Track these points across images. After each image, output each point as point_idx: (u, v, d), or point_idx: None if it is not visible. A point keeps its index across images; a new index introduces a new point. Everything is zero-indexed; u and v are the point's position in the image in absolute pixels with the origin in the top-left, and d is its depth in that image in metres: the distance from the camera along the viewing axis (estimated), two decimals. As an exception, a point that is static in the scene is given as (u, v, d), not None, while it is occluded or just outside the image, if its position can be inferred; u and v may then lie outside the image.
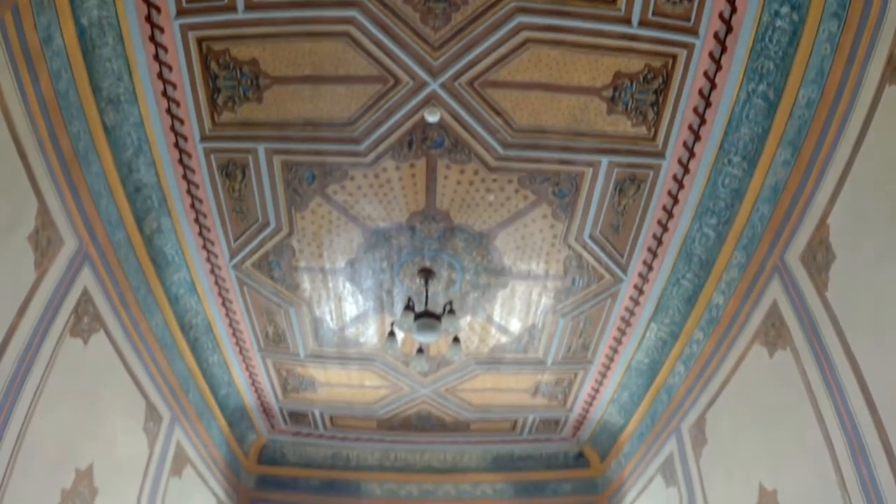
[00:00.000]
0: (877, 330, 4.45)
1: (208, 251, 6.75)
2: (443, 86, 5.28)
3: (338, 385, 9.17)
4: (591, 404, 9.51)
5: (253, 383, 9.08)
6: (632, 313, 7.56)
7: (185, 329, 7.46)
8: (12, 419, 4.72)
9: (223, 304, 7.49)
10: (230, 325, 7.85)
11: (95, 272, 5.72)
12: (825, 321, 5.04)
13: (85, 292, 5.61)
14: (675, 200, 6.10)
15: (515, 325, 7.83)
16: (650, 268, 6.88)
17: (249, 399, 9.43)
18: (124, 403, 6.59)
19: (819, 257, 5.10)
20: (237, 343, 8.19)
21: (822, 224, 5.05)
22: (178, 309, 7.20)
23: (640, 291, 7.21)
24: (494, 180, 6.00)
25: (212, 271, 7.01)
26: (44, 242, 4.94)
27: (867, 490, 4.57)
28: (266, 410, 9.83)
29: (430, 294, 6.99)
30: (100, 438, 6.09)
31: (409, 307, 6.67)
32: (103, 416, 6.14)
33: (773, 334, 5.84)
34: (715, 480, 7.07)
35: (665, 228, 6.39)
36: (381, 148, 5.71)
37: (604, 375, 8.80)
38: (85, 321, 5.66)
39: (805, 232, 5.27)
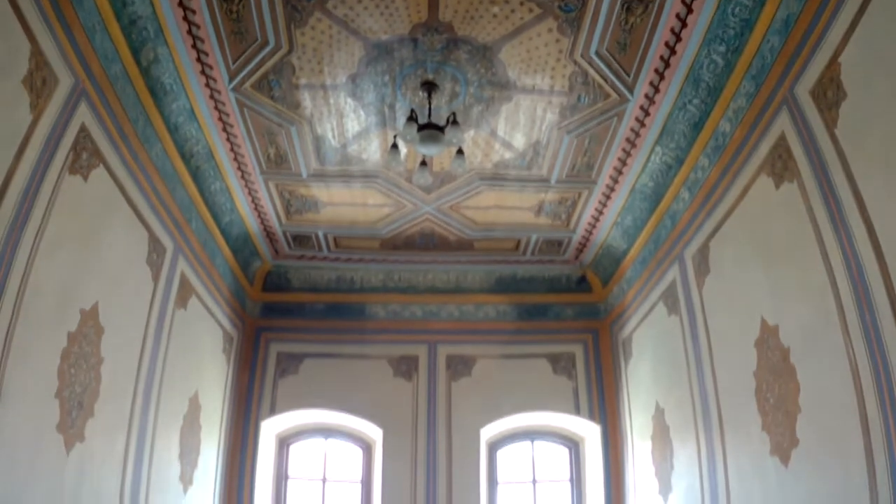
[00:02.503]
0: (886, 175, 4.52)
1: (207, 76, 6.73)
2: None
3: (341, 204, 9.30)
4: (594, 227, 9.70)
5: (256, 208, 9.24)
6: (637, 135, 7.62)
7: (185, 158, 7.54)
8: (14, 264, 4.82)
9: (223, 128, 7.53)
10: (231, 149, 7.91)
11: (93, 107, 5.73)
12: (833, 159, 5.10)
13: (83, 129, 5.63)
14: (684, 24, 6.02)
15: (519, 141, 7.87)
16: (657, 90, 6.87)
17: (252, 225, 9.62)
18: (127, 237, 6.72)
19: (829, 94, 5.10)
20: (239, 168, 8.29)
21: (833, 62, 5.04)
22: (178, 138, 7.25)
23: (647, 113, 7.24)
24: (498, -9, 5.90)
25: (211, 96, 7.01)
26: (38, 84, 4.93)
27: (869, 337, 4.73)
28: (269, 235, 10.03)
29: (433, 107, 6.97)
30: (103, 276, 6.23)
31: (411, 119, 6.67)
32: (106, 252, 6.26)
33: (780, 166, 5.90)
34: (717, 311, 7.29)
35: (673, 51, 6.34)
36: (381, -42, 5.62)
37: (608, 197, 8.94)
38: (84, 157, 5.70)
39: (816, 68, 5.25)
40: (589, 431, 10.87)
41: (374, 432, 10.81)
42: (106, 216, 6.24)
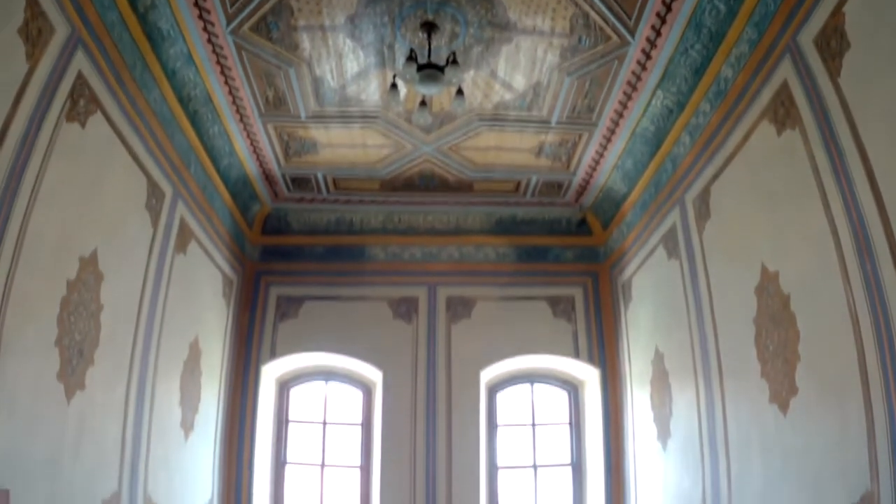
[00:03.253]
0: (890, 127, 4.57)
1: (205, 20, 6.72)
2: None
3: (340, 146, 9.33)
4: (594, 169, 9.75)
5: (255, 151, 9.28)
6: (638, 78, 7.63)
7: (183, 102, 7.56)
8: (13, 213, 4.88)
9: (221, 72, 7.54)
10: (229, 93, 7.93)
11: (90, 55, 5.74)
12: (836, 108, 5.14)
13: (80, 76, 5.65)
14: (686, -32, 6.05)
15: (520, 82, 7.88)
16: (658, 33, 6.87)
17: (252, 168, 9.66)
18: (125, 183, 6.77)
19: (833, 44, 5.13)
20: (237, 111, 8.31)
21: (837, 12, 5.06)
22: (176, 83, 7.27)
23: (648, 56, 7.24)
24: (497, -70, 5.90)
25: (209, 40, 7.00)
26: (34, 33, 4.95)
27: (870, 287, 4.81)
28: (269, 178, 10.08)
29: (432, 48, 6.97)
30: (102, 222, 6.29)
31: (411, 58, 6.69)
32: (104, 198, 6.32)
33: (783, 113, 5.93)
34: (717, 256, 7.37)
35: (674, -6, 6.38)
36: None
37: (608, 140, 8.97)
38: (81, 104, 5.73)
39: (819, 17, 5.27)
40: (588, 375, 11.03)
41: (374, 375, 10.96)
42: (104, 162, 6.28)
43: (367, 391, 11.26)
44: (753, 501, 6.53)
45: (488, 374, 11.00)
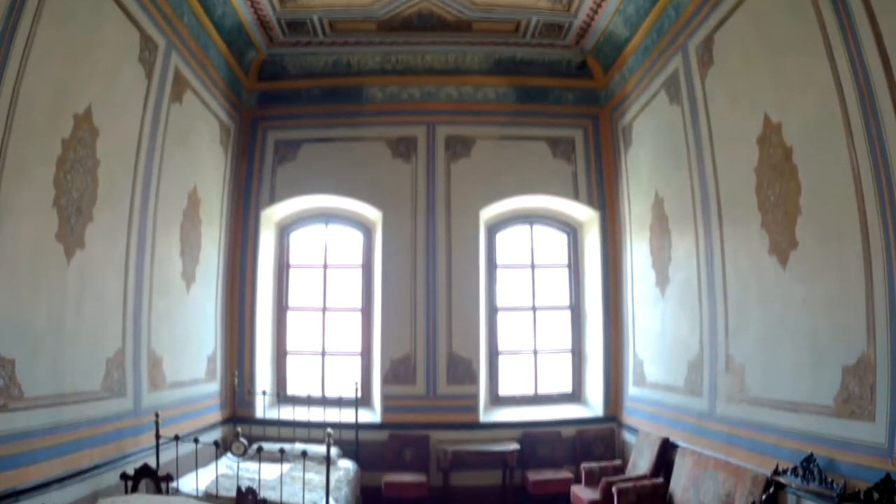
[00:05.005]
0: None
1: None
2: None
3: (335, -12, 9.19)
4: (595, 12, 9.60)
5: (249, -3, 9.15)
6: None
7: (175, -46, 7.44)
8: (5, 77, 4.94)
9: (213, -80, 7.39)
10: (222, -62, 7.77)
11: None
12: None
13: (64, -66, 5.57)
14: None
15: (518, -80, 7.73)
16: None
17: (246, 14, 9.50)
18: (117, 38, 6.73)
19: None
20: (230, -42, 8.16)
21: None
22: (166, -64, 7.13)
23: None
24: None
25: None
26: None
27: (872, 144, 4.93)
28: (264, 24, 9.92)
29: None
30: (95, 78, 6.30)
31: None
32: (97, 55, 6.31)
33: (790, -34, 5.89)
34: (720, 103, 7.38)
35: None
36: None
37: (609, -17, 8.84)
38: (68, -37, 5.68)
39: None
40: (588, 217, 11.21)
41: (373, 214, 11.16)
42: (95, 20, 6.25)
43: (367, 232, 11.46)
44: (750, 351, 6.80)
45: (488, 214, 11.17)
